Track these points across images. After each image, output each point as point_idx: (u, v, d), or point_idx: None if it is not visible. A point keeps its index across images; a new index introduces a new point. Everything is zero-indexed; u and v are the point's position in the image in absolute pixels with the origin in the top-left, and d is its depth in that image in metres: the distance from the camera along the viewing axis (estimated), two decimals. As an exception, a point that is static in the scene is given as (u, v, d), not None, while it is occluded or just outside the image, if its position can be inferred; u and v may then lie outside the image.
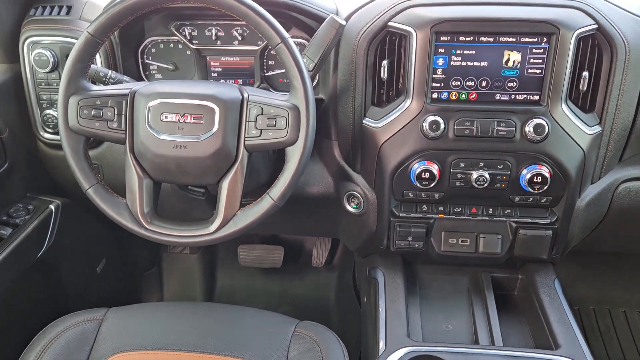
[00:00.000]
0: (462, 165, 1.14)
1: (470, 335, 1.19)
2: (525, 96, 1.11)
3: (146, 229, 1.03)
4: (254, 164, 1.10)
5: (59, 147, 1.18)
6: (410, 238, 1.23)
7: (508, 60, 1.09)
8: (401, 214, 1.22)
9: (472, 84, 1.11)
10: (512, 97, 1.11)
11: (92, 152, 1.34)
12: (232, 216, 1.01)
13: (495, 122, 1.10)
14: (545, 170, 1.11)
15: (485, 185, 1.13)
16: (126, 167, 1.03)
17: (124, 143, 1.02)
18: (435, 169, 1.13)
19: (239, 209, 1.02)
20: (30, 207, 1.39)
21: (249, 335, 1.09)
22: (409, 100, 1.12)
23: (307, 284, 2.01)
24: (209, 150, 0.99)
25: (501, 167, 1.13)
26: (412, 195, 1.18)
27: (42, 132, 1.36)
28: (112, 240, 1.75)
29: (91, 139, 1.06)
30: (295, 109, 0.98)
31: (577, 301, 1.84)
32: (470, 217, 1.21)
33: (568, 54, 1.06)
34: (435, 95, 1.12)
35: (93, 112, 1.01)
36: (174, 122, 0.99)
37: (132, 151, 1.02)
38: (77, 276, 1.57)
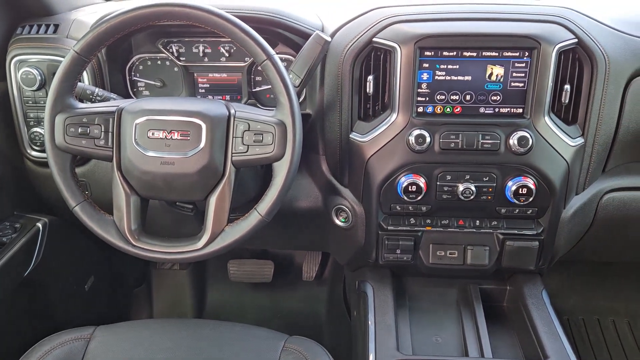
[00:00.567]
0: (449, 178, 1.15)
1: (460, 347, 1.20)
2: (508, 109, 1.13)
3: (133, 245, 1.03)
4: (242, 179, 1.11)
5: (46, 164, 1.18)
6: (398, 251, 1.23)
7: (491, 74, 1.11)
8: (389, 227, 1.22)
9: (457, 97, 1.13)
10: (496, 110, 1.13)
11: (79, 170, 1.34)
12: (219, 232, 1.02)
13: (480, 135, 1.11)
14: (530, 182, 1.13)
15: (472, 197, 1.14)
16: (113, 184, 1.03)
17: (111, 160, 1.03)
18: (421, 182, 1.14)
19: (227, 224, 1.02)
20: (17, 225, 1.38)
21: (238, 351, 1.08)
22: (394, 115, 1.13)
23: (298, 298, 2.00)
24: (196, 167, 0.99)
25: (487, 179, 1.14)
26: (399, 209, 1.19)
27: (29, 150, 1.35)
28: (100, 258, 1.74)
29: (78, 156, 1.06)
30: (282, 124, 0.98)
31: (567, 311, 1.85)
32: (458, 230, 1.22)
33: (549, 67, 1.08)
34: (420, 109, 1.13)
35: (80, 130, 1.01)
36: (161, 138, 1.00)
37: (119, 168, 1.02)
38: (65, 294, 1.56)
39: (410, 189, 1.14)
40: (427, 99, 1.13)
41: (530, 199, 1.14)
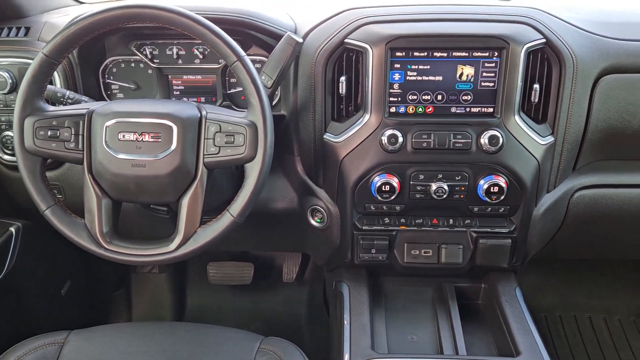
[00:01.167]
0: (421, 177, 1.16)
1: (435, 345, 1.21)
2: (479, 109, 1.14)
3: (105, 249, 1.02)
4: (216, 181, 1.10)
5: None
6: (373, 250, 1.24)
7: (462, 74, 1.12)
8: (364, 227, 1.23)
9: (428, 97, 1.14)
10: (467, 110, 1.14)
11: (53, 173, 1.33)
12: (192, 234, 1.01)
13: (452, 135, 1.12)
14: (502, 181, 1.14)
15: (445, 196, 1.16)
16: (84, 187, 1.03)
17: (81, 163, 1.02)
18: (395, 181, 1.15)
19: (200, 226, 1.02)
20: (-10, 229, 1.37)
21: (213, 353, 1.08)
22: (367, 115, 1.14)
23: (278, 300, 2.00)
24: (168, 169, 0.99)
25: (459, 178, 1.15)
26: (373, 208, 1.20)
27: (1, 154, 1.34)
28: (77, 262, 1.72)
29: (49, 160, 1.05)
30: (253, 125, 0.99)
31: (544, 309, 1.87)
32: (432, 228, 1.23)
33: (519, 67, 1.10)
34: (392, 110, 1.14)
35: (49, 133, 1.00)
36: (131, 141, 0.99)
37: (90, 171, 1.02)
38: (40, 299, 1.54)
39: (383, 189, 1.15)
40: (399, 99, 1.14)
41: (502, 197, 1.15)
